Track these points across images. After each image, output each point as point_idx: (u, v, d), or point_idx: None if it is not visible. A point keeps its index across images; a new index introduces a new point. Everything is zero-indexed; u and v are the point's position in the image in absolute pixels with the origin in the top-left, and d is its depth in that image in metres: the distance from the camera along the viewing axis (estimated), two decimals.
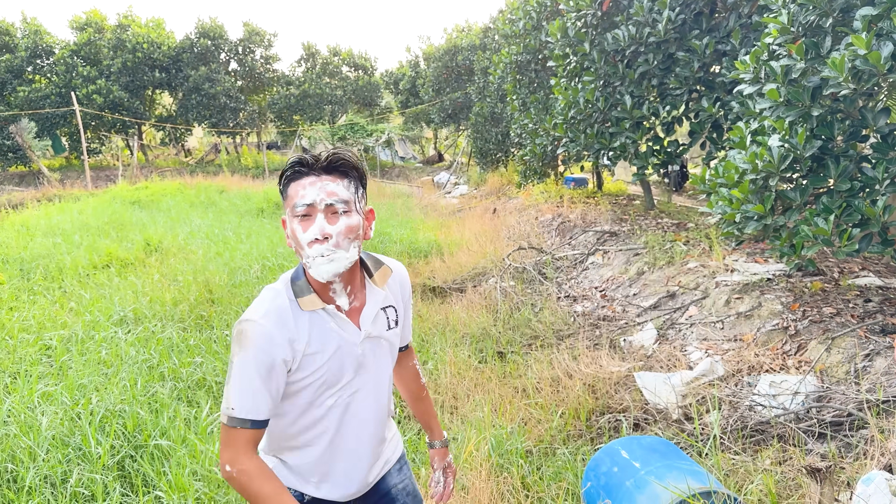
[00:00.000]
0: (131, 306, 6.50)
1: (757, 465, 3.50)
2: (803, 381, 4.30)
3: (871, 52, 4.32)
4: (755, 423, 4.03)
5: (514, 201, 14.89)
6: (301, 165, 1.62)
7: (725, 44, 7.84)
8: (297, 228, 1.61)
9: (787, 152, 4.97)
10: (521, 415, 4.29)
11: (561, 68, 10.66)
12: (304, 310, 1.67)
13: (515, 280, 8.15)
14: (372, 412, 1.90)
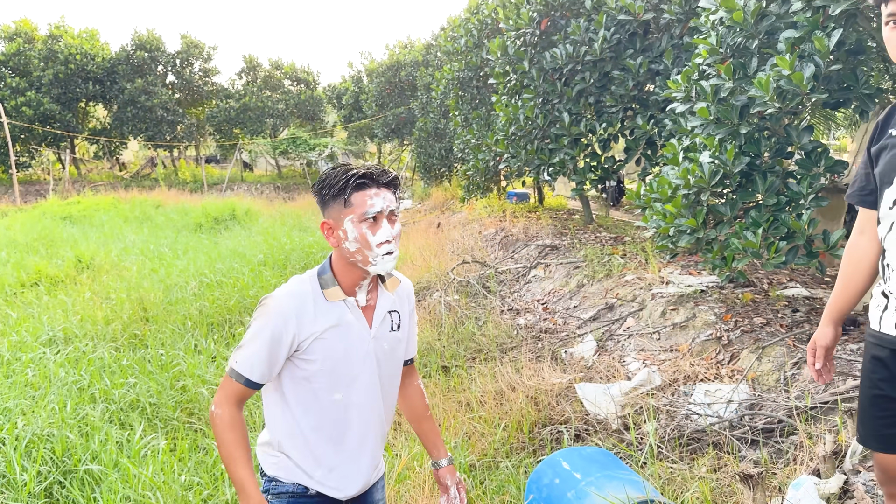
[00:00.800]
0: (61, 325, 6.24)
1: (693, 473, 3.54)
2: (736, 390, 4.39)
3: (794, 73, 4.48)
4: (691, 432, 4.08)
5: (458, 215, 14.93)
6: (366, 178, 1.82)
7: (659, 63, 8.01)
8: (367, 232, 1.81)
9: (718, 168, 5.10)
10: (465, 429, 4.26)
11: (501, 85, 10.77)
12: (327, 300, 1.88)
13: (459, 294, 8.14)
14: (377, 413, 2.02)
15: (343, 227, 1.81)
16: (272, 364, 1.81)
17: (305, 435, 1.90)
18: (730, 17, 5.04)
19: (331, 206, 1.83)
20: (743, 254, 4.99)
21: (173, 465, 3.57)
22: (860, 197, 2.10)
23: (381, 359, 1.97)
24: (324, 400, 1.89)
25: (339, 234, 1.83)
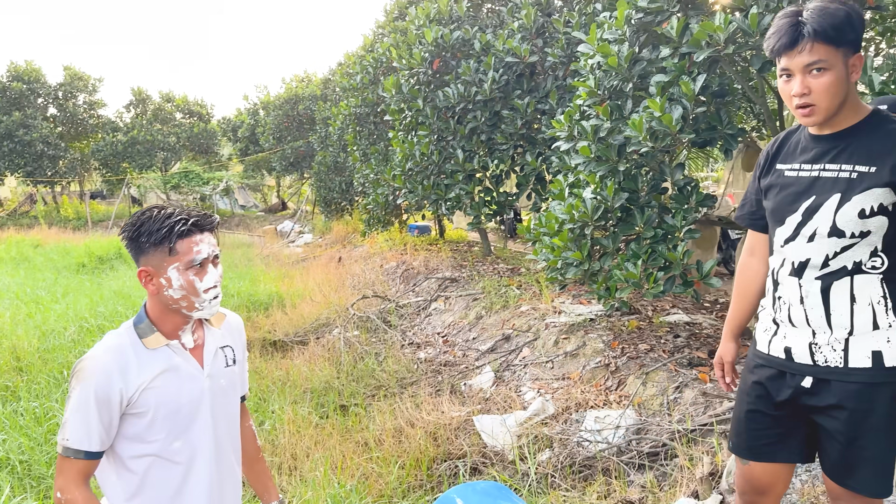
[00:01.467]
0: None
1: (584, 501, 3.60)
2: (623, 415, 4.49)
3: (664, 115, 4.74)
4: (582, 459, 4.14)
5: (360, 249, 14.82)
6: (191, 225, 1.77)
7: (544, 103, 8.24)
8: (194, 279, 1.77)
9: (599, 203, 5.30)
10: (362, 470, 4.16)
11: (397, 122, 10.83)
12: (149, 348, 1.79)
13: (360, 329, 8.05)
14: (223, 456, 1.93)
15: (166, 274, 1.74)
16: (108, 427, 1.71)
17: (146, 494, 1.80)
18: (606, 61, 5.30)
19: (150, 254, 1.75)
20: (625, 284, 5.19)
21: None
22: (751, 220, 2.26)
23: (218, 397, 1.91)
24: (163, 451, 1.80)
25: (161, 281, 1.75)
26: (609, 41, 5.35)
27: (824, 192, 1.94)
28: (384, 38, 13.42)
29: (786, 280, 2.05)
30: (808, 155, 2.01)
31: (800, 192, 2.00)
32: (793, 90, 1.88)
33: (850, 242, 1.91)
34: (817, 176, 1.97)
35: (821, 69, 1.83)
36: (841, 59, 1.84)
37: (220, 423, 1.91)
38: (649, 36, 5.34)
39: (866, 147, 1.90)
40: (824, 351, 1.98)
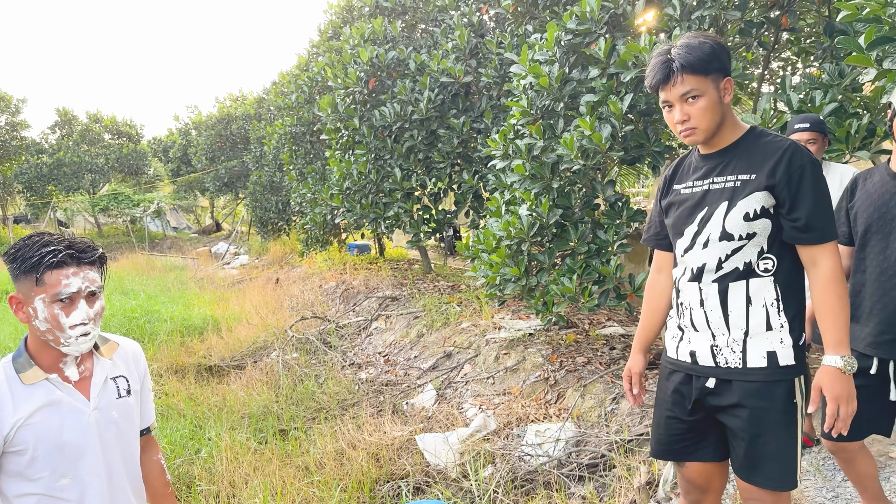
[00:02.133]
0: None
1: None
2: (563, 428, 4.54)
3: (594, 133, 4.86)
4: (524, 473, 4.16)
5: (298, 269, 14.65)
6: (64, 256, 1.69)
7: (480, 122, 8.35)
8: (59, 314, 1.68)
9: (535, 220, 5.38)
10: (303, 495, 4.08)
11: (334, 141, 10.80)
12: (26, 383, 1.72)
13: (299, 351, 7.93)
14: (120, 490, 1.87)
15: (33, 304, 1.68)
16: None
17: None
18: (537, 82, 5.40)
19: (21, 281, 1.70)
20: (561, 298, 5.26)
21: None
22: (656, 241, 2.40)
23: (108, 430, 1.83)
24: (50, 489, 1.73)
25: (29, 310, 1.70)
26: (540, 62, 5.47)
27: (714, 202, 2.09)
28: (319, 57, 13.38)
29: (686, 286, 2.18)
30: (699, 172, 2.17)
31: (694, 206, 2.15)
32: (675, 118, 2.07)
33: (739, 245, 2.05)
34: (708, 189, 2.12)
35: (695, 96, 2.02)
36: (712, 85, 2.02)
37: (114, 458, 1.84)
38: (578, 57, 5.47)
39: (746, 159, 2.06)
40: (724, 353, 2.10)
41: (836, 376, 1.96)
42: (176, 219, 35.76)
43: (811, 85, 4.47)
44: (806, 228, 1.97)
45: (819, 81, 4.51)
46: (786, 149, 2.00)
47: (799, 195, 1.97)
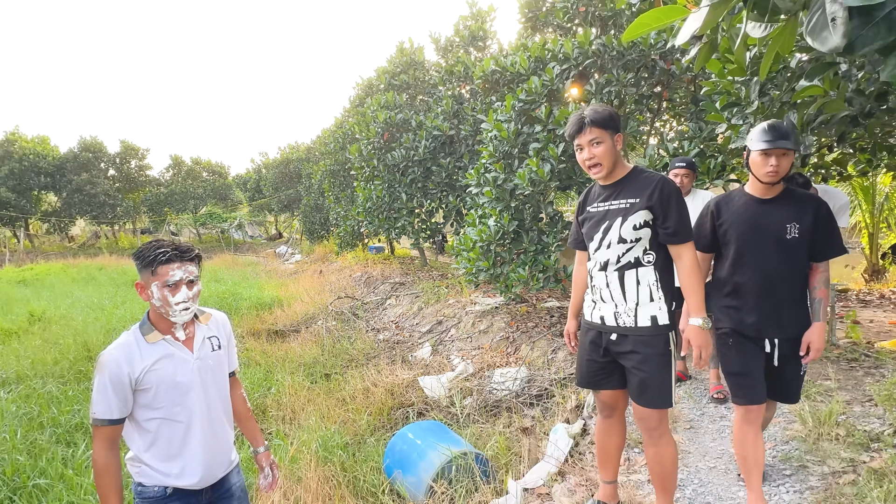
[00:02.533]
0: (13, 369, 5.31)
1: (494, 430, 3.64)
2: (519, 371, 4.58)
3: (539, 169, 4.91)
4: (493, 402, 4.20)
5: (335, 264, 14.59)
6: (171, 256, 1.70)
7: (460, 162, 8.38)
8: (168, 295, 1.70)
9: (499, 228, 5.43)
10: (342, 418, 4.11)
11: (360, 175, 10.78)
12: (149, 342, 1.73)
13: (336, 320, 7.92)
14: (214, 415, 1.85)
15: (150, 289, 1.70)
16: (124, 400, 1.67)
17: (158, 445, 1.74)
18: (499, 134, 5.45)
19: (143, 272, 1.70)
20: (517, 282, 5.32)
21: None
22: (576, 244, 2.43)
23: (206, 373, 1.82)
24: (168, 413, 1.74)
25: (148, 293, 1.71)
26: (501, 121, 5.52)
27: (613, 218, 2.14)
28: (349, 118, 13.34)
29: (597, 274, 2.22)
30: (601, 197, 2.21)
31: (599, 220, 2.19)
32: (584, 157, 2.13)
33: (630, 246, 2.11)
34: (608, 209, 2.16)
35: (598, 142, 2.09)
36: (609, 136, 2.09)
37: (211, 392, 1.84)
38: (527, 118, 5.53)
39: (632, 188, 2.12)
40: (622, 317, 2.14)
41: (699, 331, 2.04)
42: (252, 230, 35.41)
43: (682, 137, 4.56)
44: (674, 234, 2.05)
45: (687, 135, 4.60)
46: (658, 180, 2.09)
47: (668, 212, 2.05)
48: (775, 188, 2.23)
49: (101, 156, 30.53)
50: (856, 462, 2.61)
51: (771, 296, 2.21)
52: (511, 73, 5.97)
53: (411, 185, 9.33)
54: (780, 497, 2.50)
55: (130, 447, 1.76)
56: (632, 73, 5.12)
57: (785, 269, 2.19)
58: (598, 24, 6.14)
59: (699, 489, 2.65)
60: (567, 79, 5.40)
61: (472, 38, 9.55)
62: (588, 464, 2.98)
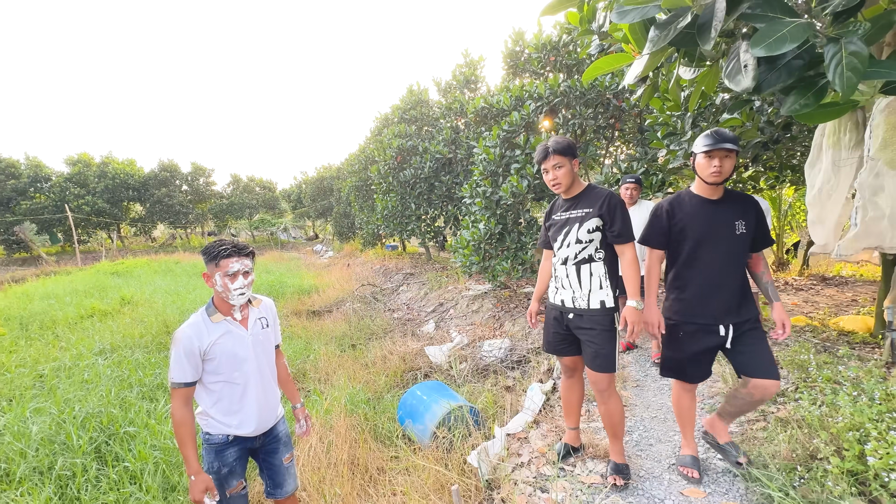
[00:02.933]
0: (108, 341, 5.31)
1: (484, 388, 3.64)
2: (503, 342, 4.57)
3: (518, 184, 4.89)
4: (482, 366, 4.18)
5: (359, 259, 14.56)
6: (231, 252, 1.70)
7: (457, 179, 8.37)
8: (228, 282, 1.70)
9: (487, 231, 5.40)
10: (365, 379, 4.09)
11: (379, 189, 10.77)
12: (213, 322, 1.72)
13: (360, 303, 7.90)
14: (264, 380, 1.84)
15: (214, 278, 1.70)
16: (195, 367, 1.67)
17: (221, 402, 1.75)
18: (487, 157, 5.43)
19: (208, 264, 1.70)
20: (501, 273, 5.30)
21: None
22: (543, 244, 2.39)
23: (258, 346, 1.82)
24: (228, 377, 1.74)
25: (213, 281, 1.71)
26: (489, 146, 5.49)
27: (572, 224, 2.12)
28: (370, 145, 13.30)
29: (559, 267, 2.20)
30: (563, 208, 2.19)
31: (562, 225, 2.17)
32: (549, 178, 2.12)
33: (584, 245, 2.10)
34: (568, 217, 2.15)
35: (559, 166, 2.08)
36: (568, 161, 2.08)
37: (262, 361, 1.83)
38: (509, 144, 5.51)
39: (587, 200, 2.11)
40: (578, 301, 2.13)
41: (633, 311, 2.02)
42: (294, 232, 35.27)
43: (631, 159, 4.54)
44: (618, 235, 2.05)
45: (635, 157, 4.58)
46: (607, 195, 2.08)
47: (614, 218, 2.04)
48: (719, 189, 2.02)
49: (176, 174, 30.46)
50: (766, 413, 2.61)
51: (726, 285, 2.01)
52: (496, 108, 5.95)
53: (419, 197, 9.31)
54: None
55: (199, 404, 1.77)
56: (591, 109, 5.10)
57: (734, 260, 2.01)
58: (564, 70, 6.11)
59: (644, 434, 2.65)
60: (541, 113, 5.38)
61: (466, 82, 9.51)
62: (557, 414, 2.98)
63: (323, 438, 2.90)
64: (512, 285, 6.64)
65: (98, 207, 25.82)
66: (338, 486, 2.40)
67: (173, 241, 30.72)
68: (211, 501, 1.65)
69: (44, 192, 26.07)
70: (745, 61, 0.93)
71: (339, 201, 20.31)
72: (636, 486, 2.19)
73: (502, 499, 2.18)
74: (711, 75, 1.26)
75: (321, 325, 6.47)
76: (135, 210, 30.67)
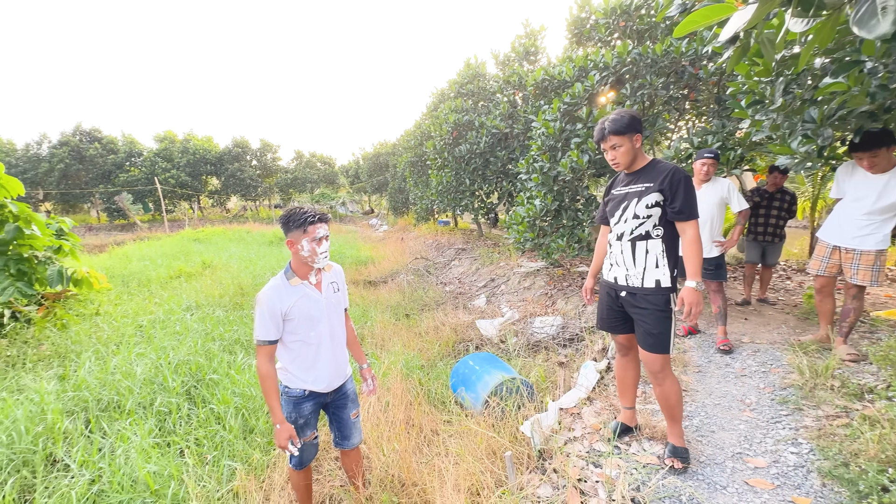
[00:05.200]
0: (194, 299, 5.85)
1: (535, 362, 3.63)
2: (555, 319, 4.51)
3: (579, 159, 4.68)
4: (533, 342, 4.16)
5: (413, 233, 14.80)
6: (319, 218, 1.79)
7: (513, 154, 8.16)
8: (315, 246, 1.77)
9: (543, 207, 5.26)
10: (418, 347, 4.22)
11: (434, 165, 10.77)
12: (291, 285, 1.79)
13: (413, 275, 8.07)
14: (336, 341, 1.92)
15: (300, 243, 1.76)
16: (277, 326, 1.75)
17: (298, 360, 1.84)
18: (546, 131, 5.22)
19: (294, 231, 1.76)
20: (556, 251, 5.17)
21: None
22: (600, 220, 2.31)
23: (330, 308, 1.89)
24: (304, 337, 1.82)
25: (298, 247, 1.77)
26: (549, 120, 5.28)
27: (631, 199, 2.04)
28: (426, 120, 13.25)
29: (615, 243, 2.13)
30: (624, 182, 2.11)
31: (620, 200, 2.09)
32: (609, 157, 2.06)
33: (642, 221, 2.01)
34: (627, 191, 2.06)
35: (617, 146, 2.01)
36: (627, 139, 1.99)
37: (334, 322, 1.90)
38: (570, 117, 5.26)
39: (648, 175, 2.02)
40: (631, 279, 2.06)
41: (693, 292, 1.92)
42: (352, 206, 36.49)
43: (705, 133, 4.16)
44: (679, 212, 1.94)
45: (710, 131, 4.19)
46: (671, 169, 1.97)
47: (676, 194, 1.93)
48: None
49: (247, 150, 32.39)
50: (849, 409, 2.37)
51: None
52: (558, 80, 5.66)
53: (473, 172, 9.21)
54: (777, 432, 2.32)
55: (280, 361, 1.88)
56: (663, 78, 4.69)
57: None
58: (634, 37, 5.64)
59: (705, 420, 2.52)
60: (605, 84, 5.05)
61: (526, 53, 9.11)
62: (611, 393, 2.90)
63: (381, 398, 3.04)
64: (566, 264, 6.47)
65: (181, 180, 28.23)
66: (395, 443, 2.52)
67: (244, 213, 33.02)
68: (294, 447, 1.76)
69: (137, 165, 28.88)
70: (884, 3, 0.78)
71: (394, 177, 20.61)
72: (696, 470, 2.10)
73: (554, 469, 2.19)
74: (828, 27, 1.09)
75: (377, 294, 6.67)
76: (212, 183, 33.13)
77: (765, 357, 3.15)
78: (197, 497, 2.16)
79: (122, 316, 5.15)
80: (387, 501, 2.13)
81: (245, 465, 2.42)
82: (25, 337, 4.23)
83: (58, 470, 2.37)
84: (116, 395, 3.06)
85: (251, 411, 2.92)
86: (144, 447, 2.43)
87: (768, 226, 4.22)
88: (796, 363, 2.85)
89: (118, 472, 2.22)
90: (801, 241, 7.81)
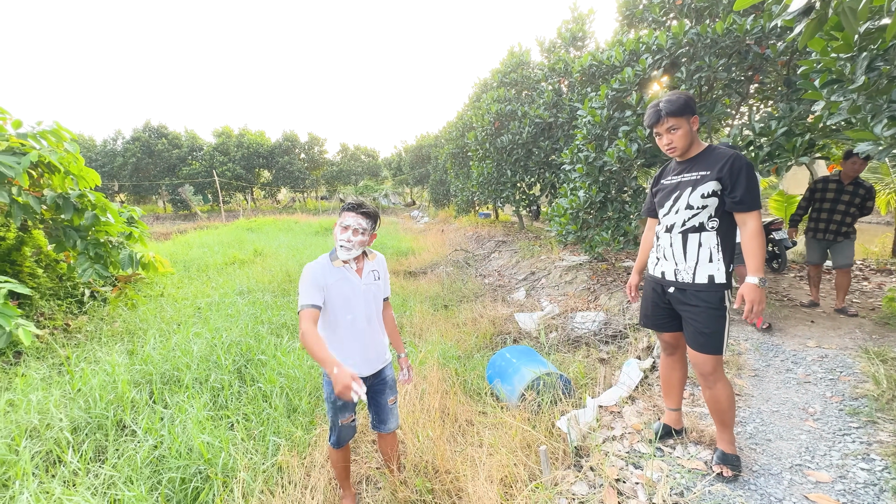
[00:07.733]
0: (245, 285, 6.18)
1: (574, 358, 3.55)
2: (597, 315, 4.39)
3: (627, 148, 4.47)
4: (574, 337, 4.08)
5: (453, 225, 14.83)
6: (350, 207, 1.84)
7: (556, 144, 7.94)
8: (338, 231, 1.84)
9: (587, 199, 5.09)
10: (456, 337, 4.24)
11: (475, 156, 10.71)
12: (334, 266, 1.85)
13: (453, 267, 8.11)
14: (372, 326, 1.94)
15: (335, 228, 1.86)
16: (319, 292, 1.78)
17: (337, 342, 1.87)
18: (592, 119, 5.02)
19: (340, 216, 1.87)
20: (600, 244, 4.99)
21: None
22: (648, 212, 2.20)
23: (368, 293, 1.91)
24: (341, 320, 1.85)
25: (335, 231, 1.86)
26: (595, 108, 5.07)
27: (684, 188, 1.92)
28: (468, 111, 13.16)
29: (662, 235, 2.01)
30: (676, 171, 1.99)
31: (671, 190, 1.97)
32: (663, 143, 1.94)
33: (696, 212, 1.89)
34: (680, 181, 1.94)
35: (675, 129, 1.88)
36: (685, 121, 1.87)
37: (371, 307, 1.92)
38: (618, 104, 5.02)
39: (704, 162, 1.89)
40: (681, 274, 1.94)
41: (753, 288, 1.78)
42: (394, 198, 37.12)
43: (770, 118, 3.83)
44: (740, 202, 1.79)
45: (776, 115, 3.84)
46: (731, 156, 1.82)
47: (737, 183, 1.79)
48: None
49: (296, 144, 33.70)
50: None
51: None
52: (606, 65, 5.40)
53: (515, 163, 9.05)
54: (845, 446, 2.12)
55: None
56: (724, 60, 4.35)
57: None
58: (692, 15, 5.26)
59: (760, 427, 2.35)
60: (659, 68, 4.75)
61: (573, 39, 8.77)
62: (655, 393, 2.77)
63: (417, 386, 3.09)
64: (610, 258, 6.25)
65: (237, 173, 29.95)
66: (430, 430, 2.55)
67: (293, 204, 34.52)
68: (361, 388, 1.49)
69: (198, 159, 30.93)
70: None
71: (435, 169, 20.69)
72: (748, 480, 1.96)
73: (591, 467, 2.13)
74: None
75: (417, 284, 6.76)
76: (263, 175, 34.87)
77: (833, 363, 2.88)
78: (245, 468, 2.30)
79: (182, 298, 5.52)
80: (420, 486, 2.16)
81: (288, 441, 2.55)
82: (102, 314, 4.67)
83: (126, 435, 2.61)
84: (176, 371, 3.30)
85: (294, 391, 3.06)
86: (200, 419, 2.61)
87: (831, 222, 3.76)
88: (871, 371, 2.58)
89: (177, 440, 2.41)
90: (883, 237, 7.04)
